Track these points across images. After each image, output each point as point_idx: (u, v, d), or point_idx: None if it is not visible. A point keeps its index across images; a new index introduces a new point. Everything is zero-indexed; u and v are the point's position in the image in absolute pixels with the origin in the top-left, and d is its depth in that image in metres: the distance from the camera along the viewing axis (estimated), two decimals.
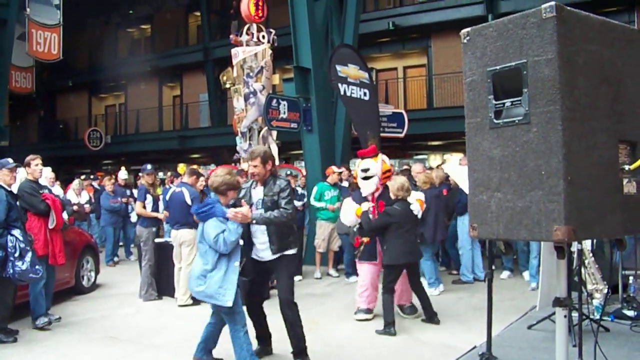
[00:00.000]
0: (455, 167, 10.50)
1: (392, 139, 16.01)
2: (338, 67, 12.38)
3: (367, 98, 12.99)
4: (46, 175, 11.08)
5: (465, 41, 3.49)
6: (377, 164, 8.37)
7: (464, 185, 6.02)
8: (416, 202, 8.15)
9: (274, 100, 13.31)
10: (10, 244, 7.27)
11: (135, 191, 13.59)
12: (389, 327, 7.58)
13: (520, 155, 3.21)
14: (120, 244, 15.03)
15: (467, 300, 9.55)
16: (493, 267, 5.94)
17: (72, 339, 7.70)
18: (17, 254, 7.25)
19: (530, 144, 3.15)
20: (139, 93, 34.69)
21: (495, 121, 3.35)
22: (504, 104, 3.31)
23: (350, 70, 12.69)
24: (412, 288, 8.33)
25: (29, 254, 7.36)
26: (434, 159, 29.28)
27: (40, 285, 7.95)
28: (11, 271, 7.23)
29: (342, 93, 12.43)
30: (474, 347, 6.39)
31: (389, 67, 27.63)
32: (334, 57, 12.56)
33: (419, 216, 8.28)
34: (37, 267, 7.44)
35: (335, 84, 12.36)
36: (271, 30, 15.44)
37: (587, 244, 7.16)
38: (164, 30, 33.62)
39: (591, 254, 7.22)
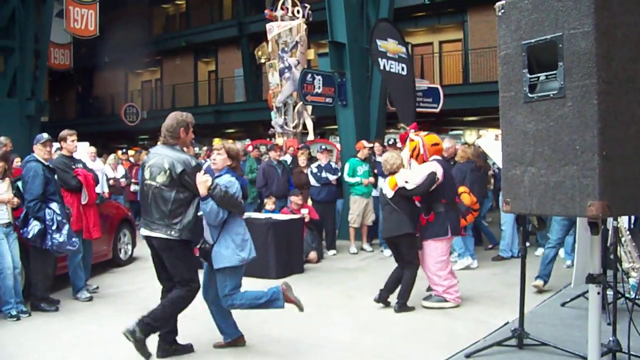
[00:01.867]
0: (489, 142, 10.39)
1: (428, 114, 15.91)
2: (378, 42, 12.32)
3: (404, 73, 12.92)
4: (87, 151, 11.21)
5: (499, 14, 3.45)
6: (407, 146, 8.27)
7: (498, 160, 5.96)
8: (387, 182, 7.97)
9: (309, 75, 13.29)
10: (48, 217, 7.44)
11: None
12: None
13: (555, 129, 3.17)
14: None
15: (501, 276, 9.49)
16: (527, 244, 5.88)
17: (109, 310, 7.86)
18: (54, 227, 7.44)
19: (564, 118, 3.11)
20: (174, 68, 34.87)
21: (529, 95, 3.31)
22: (538, 77, 3.27)
23: (390, 45, 12.62)
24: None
25: (66, 227, 7.54)
26: (470, 135, 29.07)
27: (77, 258, 8.15)
28: (50, 243, 7.43)
29: (381, 67, 12.38)
30: (507, 323, 6.37)
31: (424, 42, 27.42)
32: (374, 31, 12.50)
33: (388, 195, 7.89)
34: (73, 239, 7.62)
35: (375, 58, 12.30)
36: (306, 5, 15.39)
37: (624, 221, 7.05)
38: (199, 5, 33.68)
39: (628, 232, 7.11)
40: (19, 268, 7.39)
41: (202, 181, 5.44)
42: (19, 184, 7.81)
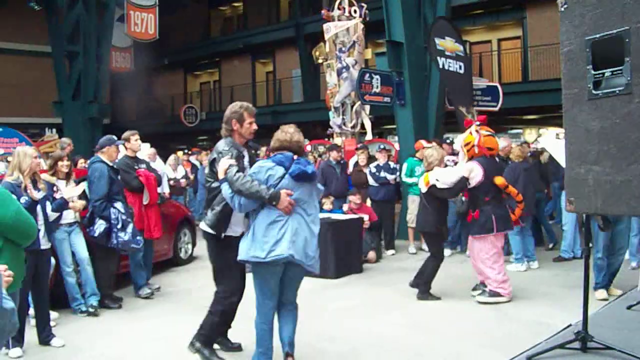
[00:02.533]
0: (551, 141, 10.22)
1: (486, 112, 15.72)
2: (436, 40, 12.24)
3: (462, 71, 12.81)
4: (147, 152, 11.39)
5: (562, 9, 3.37)
6: (461, 137, 8.25)
7: (561, 159, 5.85)
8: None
9: (367, 75, 13.26)
10: (113, 216, 7.67)
11: None
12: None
13: (621, 127, 3.08)
14: None
15: (561, 277, 9.30)
16: (590, 245, 5.74)
17: (170, 308, 8.02)
18: (119, 225, 7.66)
19: (631, 115, 3.02)
20: (232, 70, 35.18)
21: (594, 92, 3.23)
22: (603, 74, 3.19)
23: (447, 43, 12.54)
24: None
25: (130, 225, 7.75)
26: (529, 133, 28.64)
27: (138, 257, 8.37)
28: (115, 241, 7.66)
29: (440, 66, 12.30)
30: (569, 326, 6.22)
31: (482, 40, 27.09)
32: (433, 29, 12.42)
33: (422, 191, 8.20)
34: (137, 237, 7.84)
35: (434, 57, 12.23)
36: (363, 4, 15.35)
37: None
38: (256, 7, 33.92)
39: None
40: (88, 260, 7.56)
41: (222, 164, 5.21)
42: (84, 184, 8.02)
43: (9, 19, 31.38)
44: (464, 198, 8.20)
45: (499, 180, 7.80)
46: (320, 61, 16.13)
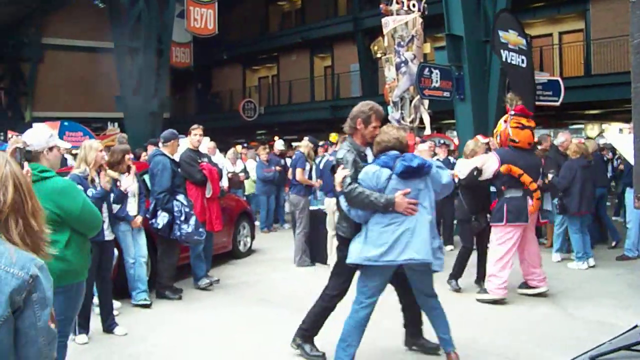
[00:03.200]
0: (617, 136, 10.01)
1: (547, 107, 15.46)
2: (500, 33, 12.10)
3: (524, 65, 12.63)
4: (207, 145, 11.53)
5: (633, 0, 3.28)
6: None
7: (629, 155, 5.73)
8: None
9: (426, 69, 13.16)
10: (176, 209, 7.86)
11: (289, 161, 13.88)
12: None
13: None
14: None
15: (625, 277, 9.11)
16: None
17: (229, 300, 8.15)
18: (182, 218, 7.84)
19: None
20: (290, 64, 35.30)
21: None
22: None
23: (511, 36, 12.37)
24: None
25: (193, 218, 7.91)
26: (591, 129, 28.07)
27: (199, 249, 8.52)
28: (178, 233, 7.84)
29: (503, 59, 12.16)
30: (635, 326, 6.09)
31: (543, 34, 26.61)
32: (497, 21, 12.28)
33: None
34: (200, 229, 7.99)
35: (497, 50, 12.09)
36: None
37: None
38: (314, 2, 33.94)
39: None
40: (145, 257, 7.73)
41: (337, 176, 5.10)
42: (146, 177, 8.20)
43: (74, 17, 32.22)
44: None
45: (504, 167, 7.70)
46: (378, 55, 16.04)
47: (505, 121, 7.97)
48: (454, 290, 8.30)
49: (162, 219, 7.82)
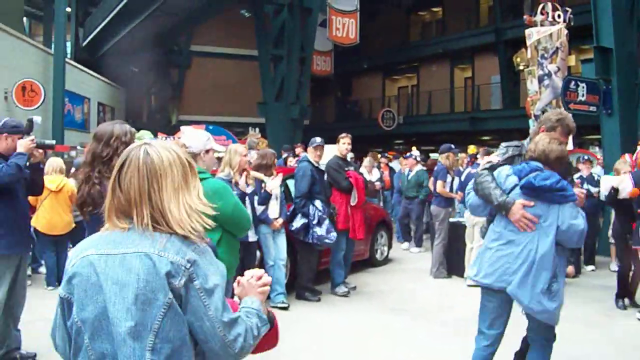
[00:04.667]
0: None
1: None
2: None
3: None
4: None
5: None
6: None
7: None
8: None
9: (572, 82, 12.79)
10: (311, 212, 8.13)
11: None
12: None
13: None
14: None
15: None
16: None
17: (365, 307, 8.24)
18: (315, 221, 8.10)
19: None
20: (430, 75, 35.16)
21: None
22: None
23: None
24: None
25: (326, 222, 8.14)
26: None
27: (339, 255, 8.73)
28: (310, 236, 8.11)
29: None
30: None
31: None
32: None
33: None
34: (331, 234, 8.16)
35: None
36: (567, 8, 14.80)
37: None
38: (455, 12, 33.63)
39: None
40: (284, 260, 7.99)
41: (486, 158, 4.87)
42: (290, 181, 8.54)
43: (221, 26, 33.68)
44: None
45: (634, 191, 7.38)
46: (521, 67, 15.84)
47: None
48: (621, 309, 8.17)
49: (298, 222, 8.14)
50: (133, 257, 1.94)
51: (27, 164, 5.22)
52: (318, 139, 8.63)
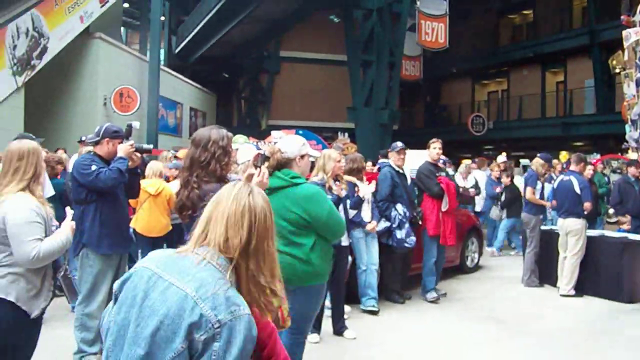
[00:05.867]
0: None
1: None
2: None
3: None
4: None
5: None
6: None
7: None
8: None
9: None
10: (392, 215, 8.20)
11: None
12: None
13: None
14: None
15: None
16: None
17: (455, 314, 8.18)
18: (395, 225, 8.17)
19: None
20: (521, 79, 34.54)
21: None
22: None
23: None
24: None
25: (406, 226, 8.19)
26: None
27: (431, 262, 8.70)
28: (391, 239, 8.18)
29: None
30: None
31: None
32: None
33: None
34: (410, 237, 8.19)
35: None
36: None
37: None
38: (547, 14, 32.94)
39: None
40: (376, 265, 8.03)
41: None
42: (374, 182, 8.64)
43: (310, 31, 34.07)
44: None
45: None
46: (617, 70, 15.35)
47: None
48: None
49: (381, 225, 8.18)
50: (174, 291, 1.93)
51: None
52: (399, 144, 8.71)
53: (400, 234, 8.15)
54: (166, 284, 1.95)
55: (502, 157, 15.67)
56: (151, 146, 6.10)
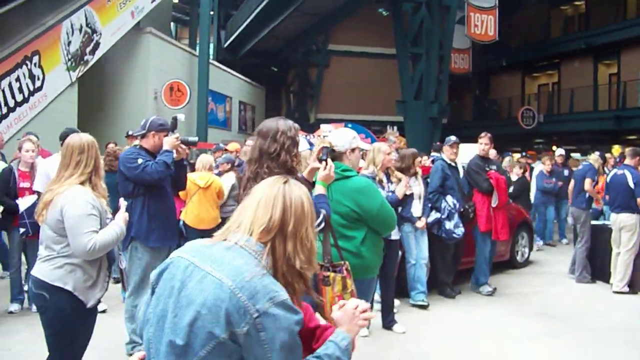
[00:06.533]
0: None
1: None
2: None
3: None
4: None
5: None
6: None
7: None
8: None
9: None
10: (442, 207, 8.25)
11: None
12: None
13: None
14: None
15: None
16: None
17: (506, 309, 8.13)
18: (444, 216, 8.21)
19: None
20: (572, 71, 33.93)
21: None
22: None
23: None
24: None
25: (455, 216, 8.23)
26: None
27: (483, 257, 8.71)
28: (440, 230, 8.25)
29: None
30: None
31: None
32: None
33: None
34: (459, 228, 8.22)
35: None
36: None
37: None
38: (599, 4, 32.29)
39: None
40: (426, 259, 8.03)
41: None
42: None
43: (358, 25, 34.00)
44: None
45: None
46: None
47: None
48: None
49: (432, 216, 8.23)
50: (211, 280, 1.91)
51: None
52: (453, 138, 8.79)
53: (449, 225, 8.19)
54: (202, 274, 1.94)
55: (560, 151, 15.45)
56: (196, 138, 6.18)
